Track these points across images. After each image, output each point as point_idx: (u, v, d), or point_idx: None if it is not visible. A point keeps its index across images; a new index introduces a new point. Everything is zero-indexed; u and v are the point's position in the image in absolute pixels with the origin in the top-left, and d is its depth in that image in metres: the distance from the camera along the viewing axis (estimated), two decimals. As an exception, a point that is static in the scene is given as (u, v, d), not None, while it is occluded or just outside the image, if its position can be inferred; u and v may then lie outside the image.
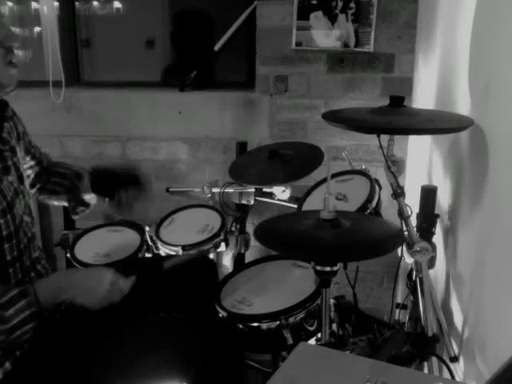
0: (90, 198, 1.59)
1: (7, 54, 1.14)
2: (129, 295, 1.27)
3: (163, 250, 1.98)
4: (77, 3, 2.68)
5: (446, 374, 1.47)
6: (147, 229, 2.03)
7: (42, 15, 2.62)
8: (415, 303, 1.65)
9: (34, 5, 2.67)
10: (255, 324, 1.52)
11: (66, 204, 1.60)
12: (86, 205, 1.57)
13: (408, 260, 1.56)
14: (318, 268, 1.36)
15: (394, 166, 1.48)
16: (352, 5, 2.28)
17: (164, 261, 1.49)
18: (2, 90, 1.19)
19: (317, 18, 2.32)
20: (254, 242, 2.24)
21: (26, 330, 1.12)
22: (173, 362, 1.20)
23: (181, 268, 1.47)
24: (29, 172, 1.49)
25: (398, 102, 1.45)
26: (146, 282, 1.36)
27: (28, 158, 1.47)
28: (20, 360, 1.20)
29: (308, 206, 1.81)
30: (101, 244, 2.01)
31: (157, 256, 1.99)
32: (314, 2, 2.31)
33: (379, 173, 1.88)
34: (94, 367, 1.20)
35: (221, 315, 1.55)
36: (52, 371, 1.19)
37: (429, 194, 1.58)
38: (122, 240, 2.04)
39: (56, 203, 1.62)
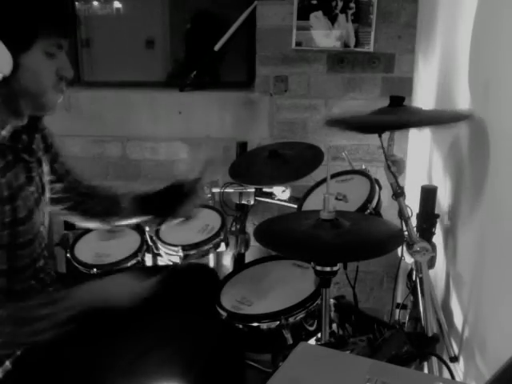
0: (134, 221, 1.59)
1: (59, 82, 1.21)
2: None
3: (163, 250, 1.98)
4: (77, 3, 2.68)
5: (446, 374, 1.47)
6: (147, 229, 2.03)
7: (42, 15, 2.62)
8: (415, 303, 1.65)
9: (34, 5, 2.67)
10: (255, 324, 1.52)
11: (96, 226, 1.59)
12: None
13: (408, 260, 1.56)
14: (318, 268, 1.36)
15: (394, 166, 1.48)
16: (352, 5, 2.28)
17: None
18: (43, 112, 1.24)
19: (317, 17, 2.32)
20: (253, 242, 2.24)
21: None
22: (173, 364, 1.20)
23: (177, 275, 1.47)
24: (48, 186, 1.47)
25: (397, 102, 1.46)
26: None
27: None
28: (20, 359, 1.20)
29: (308, 206, 1.81)
30: (101, 244, 2.02)
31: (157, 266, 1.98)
32: (314, 2, 2.31)
33: (379, 173, 1.88)
34: (95, 368, 1.20)
35: (221, 315, 1.55)
36: (52, 371, 1.19)
37: (429, 194, 1.58)
38: (122, 240, 2.04)
39: (87, 224, 1.59)
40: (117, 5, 2.76)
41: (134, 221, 1.59)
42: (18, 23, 1.09)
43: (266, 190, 2.15)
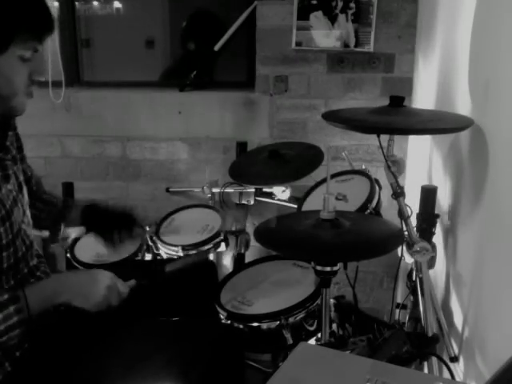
0: (76, 231, 1.56)
1: (30, 85, 1.19)
2: (128, 299, 1.27)
3: (163, 250, 1.98)
4: (77, 3, 2.68)
5: (446, 374, 1.47)
6: (147, 229, 2.03)
7: (42, 15, 2.62)
8: (415, 303, 1.65)
9: (34, 5, 2.67)
10: (255, 324, 1.52)
11: (44, 235, 1.54)
12: (66, 238, 1.55)
13: (408, 260, 1.56)
14: (318, 268, 1.36)
15: (394, 166, 1.48)
16: (352, 5, 2.28)
17: (166, 264, 1.47)
18: (11, 114, 1.24)
19: (317, 17, 2.32)
20: (253, 242, 2.24)
21: (12, 336, 1.11)
22: (171, 368, 1.20)
23: (183, 272, 1.46)
24: None
25: (397, 102, 1.46)
26: (146, 285, 1.35)
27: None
28: (19, 361, 1.20)
29: (308, 206, 1.82)
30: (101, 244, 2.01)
31: (159, 259, 1.98)
32: (314, 2, 2.31)
33: (379, 173, 1.88)
34: (93, 370, 1.20)
35: (221, 315, 1.55)
36: (51, 373, 1.18)
37: (429, 194, 1.58)
38: (122, 240, 2.04)
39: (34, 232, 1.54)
40: (117, 5, 2.76)
41: (78, 230, 1.57)
42: None
43: (265, 190, 2.15)
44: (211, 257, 2.11)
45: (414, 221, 1.57)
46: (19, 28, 1.10)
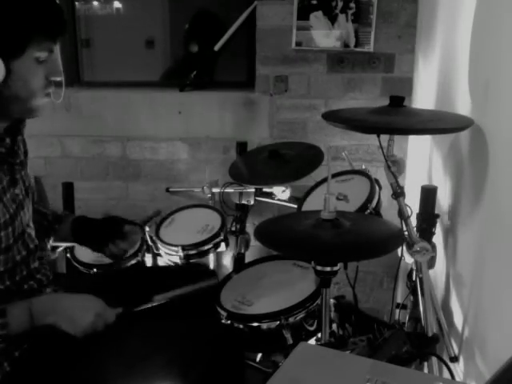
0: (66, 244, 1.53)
1: (47, 86, 1.20)
2: (114, 325, 1.26)
3: (163, 250, 1.98)
4: (77, 3, 2.68)
5: (446, 374, 1.47)
6: (147, 229, 2.03)
7: (41, 15, 2.62)
8: (415, 303, 1.65)
9: (34, 5, 2.67)
10: (255, 324, 1.52)
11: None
12: (54, 249, 1.52)
13: (408, 260, 1.55)
14: (318, 268, 1.36)
15: (394, 166, 1.48)
16: (352, 5, 2.28)
17: (155, 294, 1.41)
18: (29, 115, 1.25)
19: (317, 17, 2.32)
20: (253, 242, 2.24)
21: None
22: (172, 368, 1.20)
23: (172, 302, 1.42)
24: None
25: (397, 102, 1.46)
26: (133, 313, 1.34)
27: None
28: (18, 361, 1.20)
29: (308, 206, 1.81)
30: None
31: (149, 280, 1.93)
32: (314, 2, 2.31)
33: (379, 173, 1.88)
34: (93, 370, 1.20)
35: (221, 315, 1.55)
36: (51, 373, 1.18)
37: (429, 194, 1.58)
38: (121, 240, 2.04)
39: None
40: (117, 5, 2.76)
41: (68, 244, 1.54)
42: (11, 31, 1.09)
43: (265, 190, 2.15)
44: (211, 257, 2.11)
45: (414, 221, 1.57)
46: (35, 30, 1.12)
